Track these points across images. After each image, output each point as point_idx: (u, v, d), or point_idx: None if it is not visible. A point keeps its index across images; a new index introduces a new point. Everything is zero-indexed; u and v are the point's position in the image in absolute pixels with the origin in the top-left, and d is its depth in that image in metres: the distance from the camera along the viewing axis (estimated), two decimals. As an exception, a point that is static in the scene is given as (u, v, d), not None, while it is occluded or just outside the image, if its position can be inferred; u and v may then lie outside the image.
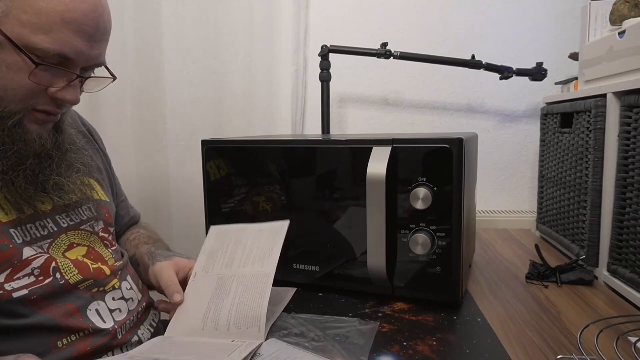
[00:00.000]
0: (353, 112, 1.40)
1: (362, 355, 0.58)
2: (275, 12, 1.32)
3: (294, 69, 1.34)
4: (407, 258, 0.71)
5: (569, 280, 0.83)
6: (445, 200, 0.68)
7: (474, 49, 1.27)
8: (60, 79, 0.59)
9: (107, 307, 0.66)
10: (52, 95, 0.60)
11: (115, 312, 0.67)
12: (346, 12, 1.37)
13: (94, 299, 0.65)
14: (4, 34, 0.54)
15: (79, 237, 0.68)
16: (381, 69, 1.37)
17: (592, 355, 0.58)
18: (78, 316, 0.62)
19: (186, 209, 1.35)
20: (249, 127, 1.36)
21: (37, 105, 0.60)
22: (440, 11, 1.34)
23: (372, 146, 0.71)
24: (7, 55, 0.55)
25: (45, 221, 0.64)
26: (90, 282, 0.65)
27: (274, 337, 0.63)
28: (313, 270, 0.79)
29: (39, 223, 0.64)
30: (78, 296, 0.64)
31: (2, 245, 0.58)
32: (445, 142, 0.67)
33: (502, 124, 1.36)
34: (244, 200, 0.82)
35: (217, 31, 1.32)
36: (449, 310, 0.71)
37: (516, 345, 0.61)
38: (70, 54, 0.57)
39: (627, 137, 0.78)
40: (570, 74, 1.22)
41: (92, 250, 0.69)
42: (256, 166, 0.80)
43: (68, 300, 0.62)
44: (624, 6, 0.89)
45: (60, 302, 0.61)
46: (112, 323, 0.65)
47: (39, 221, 0.64)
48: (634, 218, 0.76)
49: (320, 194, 0.76)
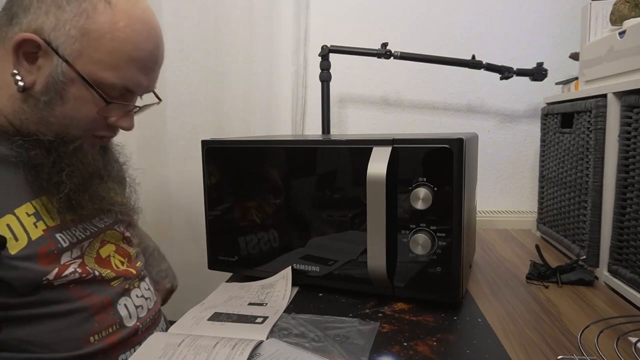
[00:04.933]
0: (353, 112, 1.40)
1: (362, 355, 0.58)
2: (275, 12, 1.32)
3: (294, 69, 1.34)
4: (407, 258, 0.71)
5: (569, 280, 0.83)
6: (445, 200, 0.68)
7: (474, 49, 1.27)
8: (120, 111, 0.67)
9: (133, 303, 0.71)
10: (111, 123, 0.67)
11: (139, 309, 0.72)
12: (346, 12, 1.37)
13: (122, 295, 0.70)
14: (77, 72, 0.60)
15: (110, 236, 0.74)
16: (381, 69, 1.37)
17: (592, 355, 0.58)
18: (110, 309, 0.68)
19: (186, 209, 1.35)
20: (249, 127, 1.36)
21: (95, 131, 0.67)
22: (440, 11, 1.34)
23: (372, 146, 0.71)
24: (77, 90, 0.62)
25: (86, 224, 0.70)
26: (121, 280, 0.71)
27: (274, 337, 0.63)
28: (313, 270, 0.79)
29: (81, 226, 0.69)
30: (111, 290, 0.69)
31: (49, 250, 0.62)
32: (445, 142, 0.67)
33: (502, 124, 1.36)
34: (244, 200, 0.82)
35: (217, 31, 1.32)
36: (449, 310, 0.71)
37: (516, 345, 0.61)
38: (133, 87, 0.65)
39: (627, 137, 0.78)
40: (570, 74, 1.22)
41: (119, 249, 0.75)
42: (256, 166, 0.80)
43: (104, 292, 0.68)
44: (624, 6, 0.89)
45: (97, 293, 0.67)
46: (136, 319, 0.71)
47: (81, 224, 0.69)
48: (634, 218, 0.76)
49: (320, 193, 0.76)
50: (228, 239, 0.85)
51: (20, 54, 0.60)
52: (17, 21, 0.60)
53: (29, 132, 0.64)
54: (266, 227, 0.81)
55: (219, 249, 0.86)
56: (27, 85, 0.61)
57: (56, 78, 0.60)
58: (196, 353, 0.57)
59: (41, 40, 0.59)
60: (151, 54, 0.65)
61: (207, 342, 0.59)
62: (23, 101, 0.62)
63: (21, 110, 0.62)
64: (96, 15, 0.59)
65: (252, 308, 0.72)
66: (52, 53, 0.60)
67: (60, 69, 0.60)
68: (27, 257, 0.60)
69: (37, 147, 0.63)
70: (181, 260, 1.35)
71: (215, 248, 0.86)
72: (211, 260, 0.87)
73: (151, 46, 0.64)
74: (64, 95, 0.61)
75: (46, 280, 0.61)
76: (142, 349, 0.60)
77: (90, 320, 0.65)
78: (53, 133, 0.64)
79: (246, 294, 0.78)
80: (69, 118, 0.63)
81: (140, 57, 0.63)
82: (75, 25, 0.59)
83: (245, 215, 0.82)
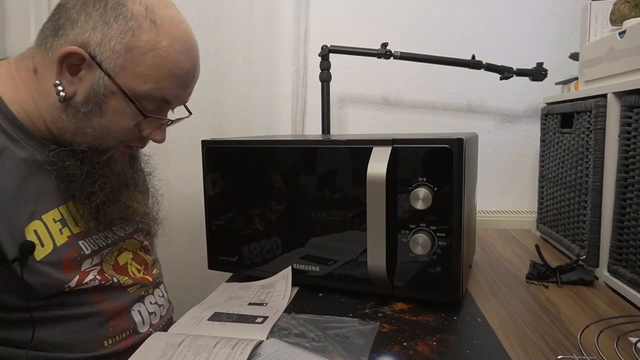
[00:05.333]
0: (353, 112, 1.40)
1: (362, 355, 0.58)
2: (275, 12, 1.32)
3: (294, 69, 1.34)
4: (407, 258, 0.71)
5: (569, 280, 0.83)
6: (445, 200, 0.68)
7: (474, 49, 1.27)
8: (155, 124, 0.69)
9: (147, 309, 0.74)
10: (145, 135, 0.70)
11: (152, 316, 0.74)
12: (346, 12, 1.37)
13: (137, 301, 0.73)
14: (118, 86, 0.62)
15: (128, 245, 0.76)
16: (381, 69, 1.37)
17: (592, 355, 0.58)
18: (124, 315, 0.70)
19: (186, 209, 1.35)
20: (249, 127, 1.36)
21: (128, 142, 0.69)
22: (440, 11, 1.34)
23: (372, 146, 0.71)
24: (116, 103, 0.63)
25: (107, 232, 0.72)
26: (138, 286, 0.73)
27: (274, 337, 0.63)
28: (313, 270, 0.79)
29: (102, 234, 0.71)
30: (127, 296, 0.71)
31: (72, 257, 0.64)
32: (445, 142, 0.67)
33: (502, 124, 1.36)
34: (244, 200, 0.82)
35: (217, 31, 1.32)
36: (449, 310, 0.71)
37: (516, 345, 0.61)
38: (170, 99, 0.68)
39: (627, 137, 0.78)
40: (570, 74, 1.22)
41: (137, 257, 0.77)
42: (256, 166, 0.80)
43: (119, 298, 0.69)
44: (624, 6, 0.89)
45: (113, 299, 0.69)
46: (149, 326, 0.73)
47: (103, 232, 0.71)
48: (634, 218, 0.76)
49: (320, 193, 0.76)
50: (228, 239, 0.84)
51: (64, 65, 0.61)
52: (64, 33, 0.62)
53: (64, 140, 0.65)
54: (266, 227, 0.81)
55: (218, 249, 0.86)
56: (68, 95, 0.63)
57: (97, 90, 0.62)
58: (196, 353, 0.57)
59: (87, 54, 0.61)
60: (189, 72, 0.68)
61: (207, 342, 0.59)
62: (62, 111, 0.63)
63: (60, 119, 0.64)
64: (141, 33, 0.61)
65: (252, 308, 0.72)
66: (95, 66, 0.61)
67: (102, 82, 0.62)
68: (51, 263, 0.62)
69: (72, 158, 0.65)
70: (181, 260, 1.35)
71: (215, 248, 0.86)
72: (211, 260, 0.87)
73: (189, 66, 0.67)
74: (103, 107, 0.63)
75: (67, 287, 0.63)
76: (142, 349, 0.60)
77: (105, 325, 0.67)
78: (87, 144, 0.65)
79: (246, 294, 0.79)
80: (105, 129, 0.65)
81: (179, 75, 0.66)
82: (120, 41, 0.61)
83: (245, 216, 0.82)
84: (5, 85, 0.64)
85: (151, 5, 0.62)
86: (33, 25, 1.29)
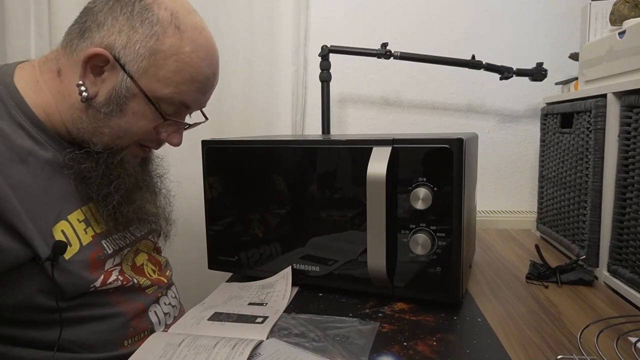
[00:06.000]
0: (353, 112, 1.40)
1: (362, 355, 0.58)
2: (275, 12, 1.32)
3: (294, 69, 1.34)
4: (407, 258, 0.71)
5: (569, 280, 0.83)
6: (445, 200, 0.68)
7: (474, 49, 1.27)
8: (173, 127, 0.71)
9: (162, 310, 0.75)
10: (162, 138, 0.71)
11: (167, 316, 0.76)
12: (346, 12, 1.37)
13: (154, 302, 0.74)
14: (140, 88, 0.63)
15: (143, 245, 0.78)
16: (381, 69, 1.37)
17: (592, 355, 0.58)
18: (143, 316, 0.71)
19: (186, 209, 1.35)
20: (249, 127, 1.35)
21: (143, 142, 0.70)
22: (440, 11, 1.34)
23: (372, 146, 0.71)
24: (137, 105, 0.65)
25: (125, 232, 0.73)
26: (155, 288, 0.75)
27: (274, 337, 0.63)
28: (313, 270, 0.79)
29: (121, 234, 0.72)
30: (145, 297, 0.73)
31: (98, 256, 0.66)
32: (445, 142, 0.67)
33: (502, 124, 1.36)
34: (244, 200, 0.82)
35: (217, 31, 1.32)
36: (449, 310, 0.71)
37: (516, 345, 0.61)
38: (190, 103, 0.69)
39: (627, 137, 0.78)
40: (570, 74, 1.22)
41: (151, 258, 0.79)
42: (256, 166, 0.80)
43: (139, 299, 0.71)
44: (624, 6, 0.89)
45: (134, 300, 0.70)
46: (164, 326, 0.74)
47: (121, 232, 0.73)
48: (634, 218, 0.76)
49: (320, 193, 0.76)
50: (228, 238, 0.85)
51: (88, 66, 0.63)
52: (89, 35, 0.63)
53: (82, 140, 0.66)
54: (266, 227, 0.81)
55: (218, 249, 0.86)
56: (90, 96, 0.64)
57: (119, 92, 0.63)
58: (196, 353, 0.57)
59: (111, 57, 0.62)
60: (209, 78, 0.69)
61: (207, 342, 0.59)
62: (83, 111, 0.65)
63: (79, 119, 0.65)
64: (165, 38, 0.63)
65: (252, 308, 0.72)
66: (119, 68, 0.63)
67: (125, 84, 0.63)
68: (79, 262, 0.63)
69: (87, 160, 0.66)
70: (181, 260, 1.35)
71: (215, 248, 0.86)
72: (211, 260, 0.88)
73: (210, 72, 0.69)
74: (124, 108, 0.64)
75: (93, 287, 0.64)
76: (142, 349, 0.60)
77: (127, 325, 0.68)
78: (103, 144, 0.66)
79: (246, 293, 0.79)
80: (123, 130, 0.66)
81: (199, 80, 0.67)
82: (145, 45, 0.62)
83: (245, 216, 0.82)
84: (29, 89, 0.65)
85: (176, 11, 0.64)
86: (33, 25, 1.29)
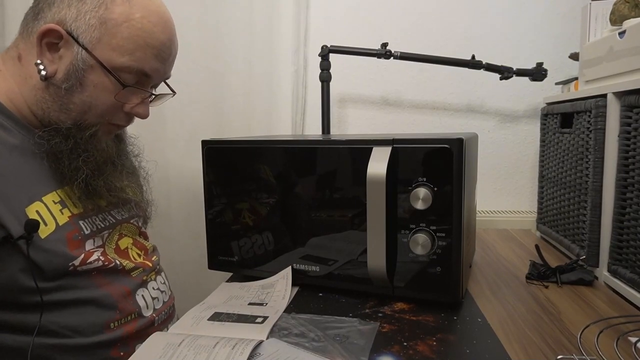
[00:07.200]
0: (353, 112, 1.40)
1: (362, 355, 0.58)
2: (275, 12, 1.32)
3: (294, 69, 1.34)
4: (407, 258, 0.71)
5: (569, 280, 0.83)
6: (445, 200, 0.68)
7: (474, 49, 1.27)
8: (136, 97, 0.71)
9: (150, 294, 0.75)
10: (127, 110, 0.71)
11: (155, 301, 0.76)
12: (346, 12, 1.36)
13: (140, 285, 0.74)
14: (96, 58, 0.64)
15: (126, 229, 0.78)
16: (381, 69, 1.37)
17: (592, 355, 0.58)
18: (130, 298, 0.71)
19: (186, 209, 1.35)
20: (249, 127, 1.35)
21: (112, 119, 0.71)
22: (440, 11, 1.34)
23: (372, 146, 0.71)
24: (96, 77, 0.66)
25: (105, 214, 0.74)
26: (140, 271, 0.75)
27: (274, 337, 0.63)
28: (313, 270, 0.79)
29: (101, 216, 0.73)
30: (130, 280, 0.73)
31: (74, 235, 0.67)
32: (445, 142, 0.67)
33: (502, 124, 1.36)
34: (244, 200, 0.82)
35: (217, 31, 1.32)
36: (449, 310, 0.71)
37: (516, 345, 0.61)
38: (149, 72, 0.69)
39: (627, 137, 0.78)
40: (570, 74, 1.22)
41: (137, 242, 0.79)
42: (256, 166, 0.80)
43: (124, 282, 0.71)
44: (624, 6, 0.89)
45: (118, 282, 0.70)
46: (152, 311, 0.74)
47: (101, 214, 0.73)
48: (634, 218, 0.76)
49: (320, 193, 0.76)
50: (228, 238, 0.85)
51: (43, 44, 0.64)
52: (42, 16, 0.65)
53: (49, 120, 0.67)
54: (266, 227, 0.81)
55: (219, 249, 0.86)
56: (49, 74, 0.65)
57: (77, 66, 0.64)
58: (196, 353, 0.57)
59: (63, 31, 0.63)
60: (165, 44, 0.69)
61: (207, 342, 0.59)
62: (44, 90, 0.66)
63: (43, 99, 0.66)
64: (114, 6, 0.64)
65: (252, 308, 0.72)
66: (72, 42, 0.64)
67: (81, 57, 0.64)
68: (55, 241, 0.64)
69: (57, 136, 0.66)
70: (181, 260, 1.35)
71: (215, 248, 0.86)
72: (211, 260, 0.88)
73: (165, 38, 0.69)
74: (84, 82, 0.65)
75: (72, 265, 0.65)
76: (142, 349, 0.60)
77: (113, 307, 0.69)
78: (72, 120, 0.67)
79: (246, 293, 0.79)
80: (87, 105, 0.67)
81: (155, 45, 0.67)
82: (94, 15, 0.64)
83: (245, 215, 0.82)
84: None
85: None
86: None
